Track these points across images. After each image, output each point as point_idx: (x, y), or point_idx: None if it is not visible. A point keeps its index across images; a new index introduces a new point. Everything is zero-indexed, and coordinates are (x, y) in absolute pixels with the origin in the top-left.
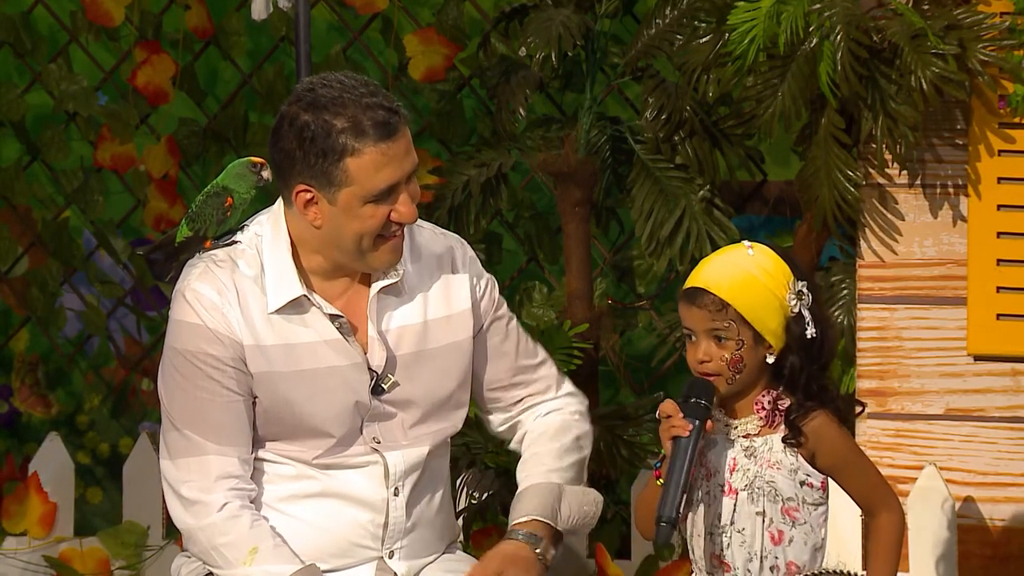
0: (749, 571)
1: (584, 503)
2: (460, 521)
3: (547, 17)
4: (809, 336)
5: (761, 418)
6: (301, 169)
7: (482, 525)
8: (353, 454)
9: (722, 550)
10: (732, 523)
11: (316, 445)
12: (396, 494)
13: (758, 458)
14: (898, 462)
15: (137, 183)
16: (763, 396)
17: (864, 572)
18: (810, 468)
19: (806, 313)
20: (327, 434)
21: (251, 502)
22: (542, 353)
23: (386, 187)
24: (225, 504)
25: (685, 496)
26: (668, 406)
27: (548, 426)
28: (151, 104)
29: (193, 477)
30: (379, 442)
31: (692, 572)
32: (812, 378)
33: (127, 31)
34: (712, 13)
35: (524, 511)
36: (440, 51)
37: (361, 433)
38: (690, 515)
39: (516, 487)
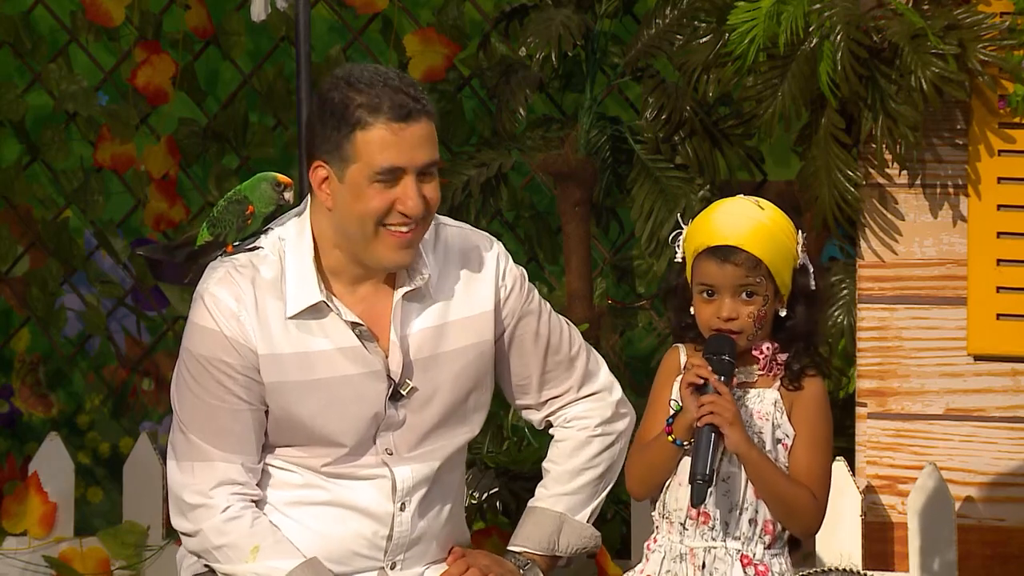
0: (727, 523)
1: (583, 536)
2: None
3: (547, 17)
4: (812, 286)
5: (761, 367)
6: (320, 143)
7: (482, 525)
8: (363, 465)
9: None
10: (717, 472)
11: (326, 453)
12: (403, 509)
13: (748, 408)
14: (898, 462)
15: (137, 183)
16: (763, 344)
17: (867, 572)
18: (789, 428)
19: (809, 264)
20: (339, 444)
21: (254, 504)
22: (576, 345)
23: (389, 166)
24: (227, 507)
25: (715, 453)
26: (697, 361)
27: (568, 439)
28: (151, 104)
29: (196, 481)
30: (391, 454)
31: (655, 528)
32: (814, 328)
33: (127, 31)
34: (712, 13)
35: (524, 538)
36: (440, 51)
37: (374, 443)
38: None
39: (516, 487)
